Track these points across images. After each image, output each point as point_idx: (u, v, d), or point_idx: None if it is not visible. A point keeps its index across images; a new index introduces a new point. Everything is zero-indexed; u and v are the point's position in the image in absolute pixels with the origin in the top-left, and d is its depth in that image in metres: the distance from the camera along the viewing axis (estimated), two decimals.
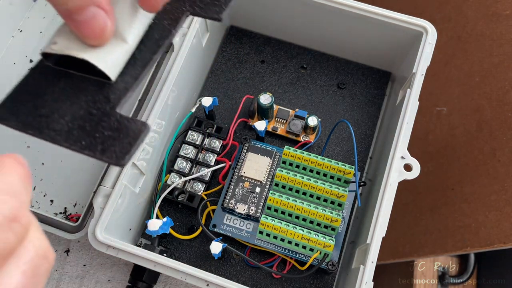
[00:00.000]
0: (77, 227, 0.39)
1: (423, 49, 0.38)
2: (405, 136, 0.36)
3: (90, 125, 0.25)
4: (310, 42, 0.47)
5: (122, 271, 0.42)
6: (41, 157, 0.44)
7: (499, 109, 0.48)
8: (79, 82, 0.26)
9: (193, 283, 0.32)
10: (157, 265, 0.33)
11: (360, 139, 0.44)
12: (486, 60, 0.51)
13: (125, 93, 0.26)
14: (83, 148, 0.24)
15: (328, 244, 0.35)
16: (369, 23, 0.41)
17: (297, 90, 0.46)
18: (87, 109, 0.25)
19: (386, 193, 0.34)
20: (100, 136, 0.24)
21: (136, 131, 0.24)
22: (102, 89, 0.26)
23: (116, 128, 0.25)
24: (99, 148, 0.24)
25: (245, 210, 0.38)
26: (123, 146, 0.24)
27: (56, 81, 0.26)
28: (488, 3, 0.52)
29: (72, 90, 0.26)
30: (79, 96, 0.26)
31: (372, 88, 0.46)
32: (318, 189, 0.37)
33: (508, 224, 0.46)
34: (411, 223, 0.60)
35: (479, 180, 0.50)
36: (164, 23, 0.28)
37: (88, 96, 0.26)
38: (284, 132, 0.43)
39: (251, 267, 0.39)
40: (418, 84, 0.37)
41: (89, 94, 0.26)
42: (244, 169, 0.39)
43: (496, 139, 0.48)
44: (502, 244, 0.46)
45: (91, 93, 0.26)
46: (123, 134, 0.24)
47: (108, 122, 0.25)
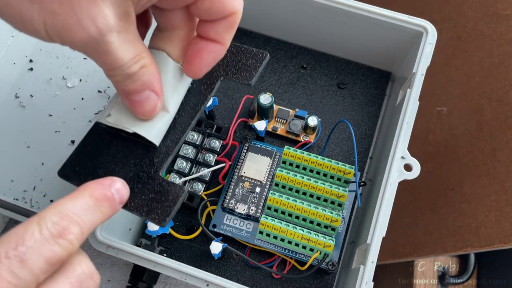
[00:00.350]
0: None
1: (423, 49, 0.38)
2: (405, 136, 0.36)
3: (137, 188, 0.28)
4: (310, 42, 0.47)
5: (122, 271, 0.42)
6: (41, 157, 0.44)
7: (499, 109, 0.48)
8: (128, 145, 0.30)
9: (193, 283, 0.32)
10: (157, 265, 0.33)
11: (360, 139, 0.44)
12: (486, 60, 0.51)
13: (167, 157, 0.29)
14: (132, 209, 0.27)
15: (328, 244, 0.35)
16: (369, 23, 0.41)
17: (297, 90, 0.46)
18: (135, 171, 0.29)
19: (386, 193, 0.34)
20: (145, 198, 0.27)
21: (175, 195, 0.27)
22: (148, 152, 0.29)
23: (159, 191, 0.28)
24: (145, 209, 0.27)
25: (245, 210, 0.38)
26: (164, 209, 0.27)
27: (109, 143, 0.30)
28: (488, 3, 0.52)
29: (123, 153, 0.30)
30: (129, 159, 0.29)
31: (372, 88, 0.46)
32: (318, 189, 0.37)
33: (508, 224, 0.46)
34: (411, 223, 0.60)
35: (479, 180, 0.50)
36: (201, 88, 0.31)
37: (136, 159, 0.29)
38: (284, 132, 0.43)
39: (251, 267, 0.39)
40: (418, 84, 0.37)
41: (137, 157, 0.29)
42: (244, 169, 0.39)
43: (496, 139, 0.48)
44: (502, 244, 0.46)
45: (139, 156, 0.29)
46: (164, 197, 0.27)
47: (152, 185, 0.28)
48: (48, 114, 0.46)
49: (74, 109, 0.46)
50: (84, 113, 0.46)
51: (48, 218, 0.21)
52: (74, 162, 0.30)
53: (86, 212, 0.22)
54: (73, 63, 0.48)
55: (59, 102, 0.46)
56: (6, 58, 0.47)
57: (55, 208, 0.21)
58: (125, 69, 0.25)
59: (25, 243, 0.19)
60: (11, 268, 0.19)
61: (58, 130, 0.45)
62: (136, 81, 0.26)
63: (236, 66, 0.31)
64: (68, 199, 0.22)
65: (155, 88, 0.27)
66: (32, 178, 0.43)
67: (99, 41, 0.22)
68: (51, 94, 0.46)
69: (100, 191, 0.24)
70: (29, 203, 0.42)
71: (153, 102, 0.27)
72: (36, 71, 0.47)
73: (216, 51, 0.27)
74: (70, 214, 0.22)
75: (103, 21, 0.22)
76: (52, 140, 0.44)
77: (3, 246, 0.19)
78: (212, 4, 0.25)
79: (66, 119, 0.45)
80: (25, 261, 0.19)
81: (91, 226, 0.23)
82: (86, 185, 0.24)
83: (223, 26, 0.26)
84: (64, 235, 0.21)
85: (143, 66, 0.25)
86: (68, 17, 0.21)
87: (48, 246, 0.20)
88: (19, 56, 0.48)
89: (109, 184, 0.25)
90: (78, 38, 0.22)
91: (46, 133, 0.45)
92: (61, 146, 0.44)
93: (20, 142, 0.44)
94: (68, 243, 0.21)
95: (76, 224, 0.21)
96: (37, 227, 0.20)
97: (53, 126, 0.45)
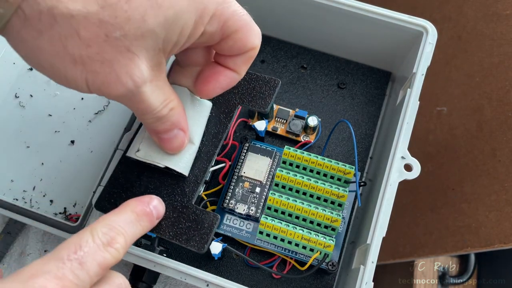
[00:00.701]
0: (77, 227, 0.39)
1: (423, 49, 0.38)
2: (405, 136, 0.36)
3: (174, 217, 0.30)
4: (310, 42, 0.47)
5: (121, 271, 0.42)
6: (41, 157, 0.44)
7: (499, 109, 0.48)
8: (158, 176, 0.32)
9: (193, 283, 0.32)
10: (157, 265, 0.33)
11: (360, 139, 0.44)
12: (486, 60, 0.51)
13: (197, 187, 0.32)
14: (171, 237, 0.30)
15: (328, 244, 0.35)
16: (369, 23, 0.40)
17: (297, 90, 0.46)
18: (169, 201, 0.31)
19: (386, 193, 0.34)
20: (182, 227, 0.30)
21: (210, 223, 0.30)
22: (178, 182, 0.32)
23: (194, 219, 0.30)
24: (184, 237, 0.29)
25: (245, 210, 0.38)
26: (202, 237, 0.29)
27: (140, 174, 0.32)
28: (488, 3, 0.52)
29: (155, 184, 0.32)
30: (161, 190, 0.31)
31: (372, 88, 0.46)
32: (318, 189, 0.36)
33: (508, 224, 0.46)
34: (411, 223, 0.60)
35: (479, 180, 0.50)
36: (220, 117, 0.33)
37: (168, 189, 0.31)
38: (284, 132, 0.43)
39: (251, 267, 0.39)
40: (418, 84, 0.37)
41: (168, 187, 0.31)
42: (244, 169, 0.39)
43: (496, 139, 0.48)
44: (502, 244, 0.46)
45: (170, 187, 0.31)
46: (200, 225, 0.30)
47: (187, 214, 0.31)
48: (47, 114, 0.46)
49: (74, 109, 0.46)
50: (84, 113, 0.46)
51: (99, 229, 0.24)
52: (108, 195, 0.32)
53: (129, 225, 0.26)
54: None
55: (59, 102, 0.46)
56: (6, 58, 0.47)
57: (104, 221, 0.25)
58: (156, 113, 0.27)
59: (82, 249, 0.22)
60: (72, 269, 0.22)
61: (57, 130, 0.45)
62: (165, 122, 0.28)
63: (251, 94, 0.33)
64: (113, 214, 0.26)
65: (182, 126, 0.29)
66: (32, 178, 0.43)
67: (135, 92, 0.24)
68: (51, 94, 0.46)
69: (140, 207, 0.27)
70: (29, 203, 0.42)
71: (180, 139, 0.30)
72: (36, 71, 0.47)
73: (232, 78, 0.29)
74: (116, 226, 0.25)
75: (139, 74, 0.24)
76: (51, 140, 0.44)
77: (64, 250, 0.22)
78: (235, 43, 0.27)
79: (65, 119, 0.45)
80: (83, 263, 0.22)
81: (133, 237, 0.26)
82: (128, 202, 0.27)
83: (242, 60, 0.28)
84: (112, 244, 0.24)
85: (172, 109, 0.27)
86: (108, 75, 0.23)
87: (100, 253, 0.23)
88: (19, 56, 0.47)
89: (148, 201, 0.28)
90: (116, 92, 0.24)
91: (45, 133, 0.45)
92: (60, 146, 0.44)
93: (19, 142, 0.44)
94: (116, 251, 0.24)
95: (121, 235, 0.25)
96: (90, 236, 0.23)
97: (52, 126, 0.45)
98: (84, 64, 0.23)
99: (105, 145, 0.44)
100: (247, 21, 0.27)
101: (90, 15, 0.21)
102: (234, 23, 0.26)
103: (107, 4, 0.21)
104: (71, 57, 0.22)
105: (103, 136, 0.44)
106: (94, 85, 0.24)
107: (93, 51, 0.22)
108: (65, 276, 0.21)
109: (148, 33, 0.23)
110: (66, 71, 0.23)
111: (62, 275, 0.21)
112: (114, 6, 0.22)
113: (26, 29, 0.21)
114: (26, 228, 0.44)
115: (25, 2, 0.20)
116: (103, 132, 0.45)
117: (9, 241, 0.44)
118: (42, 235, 0.44)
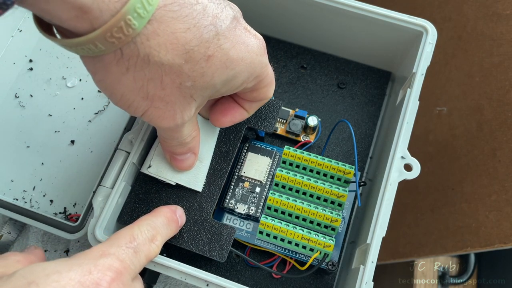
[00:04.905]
0: (77, 227, 0.39)
1: (423, 49, 0.38)
2: (405, 136, 0.35)
3: (195, 230, 0.34)
4: (310, 42, 0.47)
5: None
6: (41, 157, 0.44)
7: (499, 109, 0.48)
8: (176, 191, 0.35)
9: (193, 283, 0.32)
10: (157, 265, 0.33)
11: (360, 139, 0.44)
12: (486, 60, 0.51)
13: (214, 202, 0.35)
14: (194, 248, 0.33)
15: (328, 244, 0.35)
16: (369, 23, 0.40)
17: (297, 90, 0.46)
18: (189, 215, 0.34)
19: (386, 193, 0.34)
20: (203, 239, 0.33)
21: (228, 235, 0.33)
22: (195, 197, 0.35)
23: (214, 232, 0.34)
24: (207, 248, 0.33)
25: (245, 210, 0.38)
26: (222, 248, 0.33)
27: (159, 189, 0.35)
28: (488, 3, 0.52)
29: (173, 199, 0.35)
30: (180, 205, 0.34)
31: (372, 88, 0.46)
32: (318, 189, 0.36)
33: (508, 224, 0.46)
34: (411, 223, 0.60)
35: (479, 180, 0.50)
36: (230, 136, 0.37)
37: (187, 203, 0.34)
38: (284, 132, 0.43)
39: (251, 267, 0.39)
40: (418, 84, 0.37)
41: (187, 202, 0.34)
42: (244, 169, 0.39)
43: (496, 139, 0.48)
44: (502, 244, 0.46)
45: (189, 201, 0.35)
46: (219, 237, 0.33)
47: (207, 227, 0.34)
48: (47, 114, 0.46)
49: (74, 109, 0.46)
50: (84, 113, 0.46)
51: (144, 227, 0.28)
52: (130, 210, 0.35)
53: (164, 227, 0.29)
54: (72, 63, 0.48)
55: (59, 102, 0.46)
56: (6, 58, 0.47)
57: (146, 221, 0.29)
58: (182, 140, 0.31)
59: (136, 240, 0.26)
60: (129, 255, 0.25)
61: (57, 130, 0.45)
62: (185, 147, 0.32)
63: (257, 115, 0.37)
64: (152, 215, 0.30)
65: (196, 151, 0.34)
66: (31, 178, 0.43)
67: (180, 126, 0.29)
68: (51, 94, 0.46)
69: (170, 214, 0.31)
70: (29, 203, 0.42)
71: (191, 161, 0.34)
72: (36, 71, 0.47)
73: (244, 115, 0.34)
74: (156, 226, 0.29)
75: (190, 114, 0.29)
76: (51, 140, 0.44)
77: (122, 239, 0.26)
78: (259, 94, 0.32)
79: (65, 119, 0.45)
80: (137, 252, 0.26)
81: (165, 238, 0.30)
82: (161, 208, 0.31)
83: (257, 105, 0.33)
84: (154, 240, 0.28)
85: (194, 137, 0.32)
86: (167, 112, 0.27)
87: (146, 246, 0.27)
88: (19, 56, 0.48)
89: (174, 210, 0.32)
90: (166, 125, 0.28)
91: (45, 133, 0.45)
92: (60, 146, 0.44)
93: (20, 142, 0.44)
94: (156, 247, 0.28)
95: (159, 234, 0.28)
96: (139, 231, 0.27)
97: (52, 126, 0.45)
98: (152, 101, 0.26)
99: (105, 145, 0.44)
100: (272, 78, 0.32)
101: (176, 66, 0.25)
102: (265, 81, 0.31)
103: (190, 60, 0.25)
104: (145, 94, 0.26)
105: (103, 136, 0.44)
106: (149, 116, 0.28)
107: (165, 93, 0.26)
108: (125, 260, 0.25)
109: (211, 87, 0.27)
110: (134, 102, 0.26)
111: (123, 259, 0.25)
112: (195, 62, 0.25)
113: (117, 65, 0.24)
114: (26, 228, 0.44)
115: (127, 47, 0.24)
116: (103, 132, 0.45)
117: (9, 241, 0.44)
118: (42, 235, 0.44)
